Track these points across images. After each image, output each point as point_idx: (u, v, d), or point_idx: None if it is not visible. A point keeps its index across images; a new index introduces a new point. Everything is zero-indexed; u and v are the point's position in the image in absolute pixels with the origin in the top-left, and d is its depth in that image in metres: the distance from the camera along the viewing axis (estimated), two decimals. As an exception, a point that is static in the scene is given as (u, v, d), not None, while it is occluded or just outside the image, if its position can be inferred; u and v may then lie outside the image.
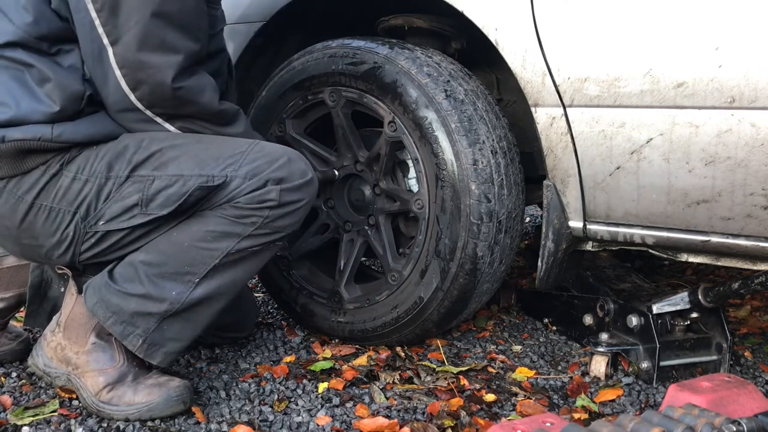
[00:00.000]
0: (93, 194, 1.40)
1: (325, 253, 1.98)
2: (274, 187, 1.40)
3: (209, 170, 1.38)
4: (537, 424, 1.24)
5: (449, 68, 1.69)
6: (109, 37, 1.35)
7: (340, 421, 1.47)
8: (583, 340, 1.88)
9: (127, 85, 1.37)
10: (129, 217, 1.40)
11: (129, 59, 1.35)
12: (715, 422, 1.19)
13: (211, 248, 1.40)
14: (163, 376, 1.49)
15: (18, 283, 1.72)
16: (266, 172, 1.40)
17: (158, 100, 1.39)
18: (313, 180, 1.47)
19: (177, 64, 1.37)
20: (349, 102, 1.77)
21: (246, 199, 1.39)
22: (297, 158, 1.46)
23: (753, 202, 1.37)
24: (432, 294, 1.69)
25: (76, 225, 1.42)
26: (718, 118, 1.35)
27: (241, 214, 1.39)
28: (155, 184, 1.39)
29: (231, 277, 1.44)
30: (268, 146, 1.46)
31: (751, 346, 1.92)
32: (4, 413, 1.48)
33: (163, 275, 1.40)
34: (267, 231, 1.42)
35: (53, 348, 1.52)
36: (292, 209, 1.43)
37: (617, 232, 1.56)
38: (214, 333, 1.80)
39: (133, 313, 1.41)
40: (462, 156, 1.60)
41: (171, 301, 1.40)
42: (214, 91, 1.46)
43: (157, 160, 1.40)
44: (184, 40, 1.38)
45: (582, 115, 1.50)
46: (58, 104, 1.37)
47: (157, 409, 1.43)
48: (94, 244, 1.44)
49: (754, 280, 1.54)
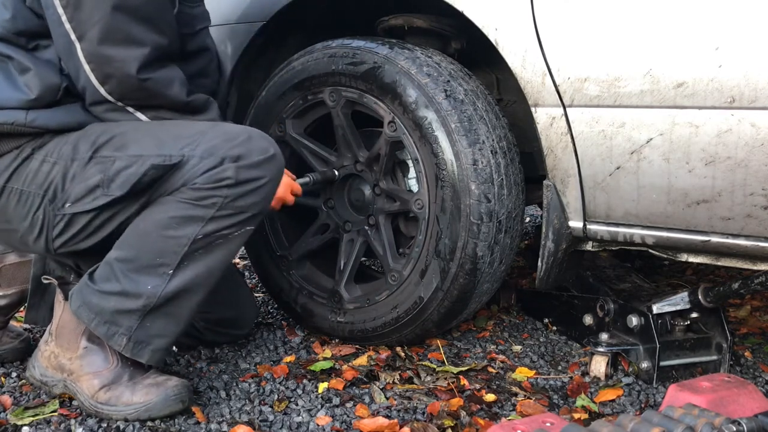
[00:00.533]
0: (59, 177, 1.42)
1: (325, 253, 1.98)
2: (231, 165, 1.37)
3: (167, 150, 1.38)
4: (537, 424, 1.24)
5: (449, 68, 1.69)
6: (76, 32, 1.38)
7: (340, 421, 1.47)
8: (583, 340, 1.88)
9: (97, 79, 1.39)
10: (92, 198, 1.40)
11: (95, 54, 1.38)
12: (715, 422, 1.20)
13: (177, 236, 1.38)
14: (161, 376, 1.49)
15: (20, 280, 1.72)
16: (223, 150, 1.38)
17: (127, 92, 1.41)
18: (274, 157, 1.43)
19: (142, 57, 1.38)
20: (348, 102, 1.77)
21: (203, 179, 1.37)
22: (258, 136, 1.44)
23: (753, 202, 1.37)
24: (432, 294, 1.69)
25: (44, 208, 1.44)
26: (718, 118, 1.35)
27: (200, 196, 1.38)
28: (116, 165, 1.39)
29: (205, 266, 1.42)
30: (230, 126, 1.46)
31: (751, 346, 1.92)
32: (4, 413, 1.48)
33: (137, 270, 1.40)
34: (230, 212, 1.39)
35: (47, 357, 1.53)
36: (253, 187, 1.40)
37: (617, 232, 1.56)
38: (212, 329, 1.80)
39: (113, 311, 1.41)
40: (462, 156, 1.60)
41: (147, 296, 1.39)
42: (182, 84, 1.47)
43: (119, 141, 1.41)
44: (148, 33, 1.40)
45: (582, 115, 1.50)
46: (34, 93, 1.41)
47: (155, 408, 1.43)
48: (64, 228, 1.44)
49: (754, 280, 1.54)
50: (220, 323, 1.80)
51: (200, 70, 1.61)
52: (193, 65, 1.58)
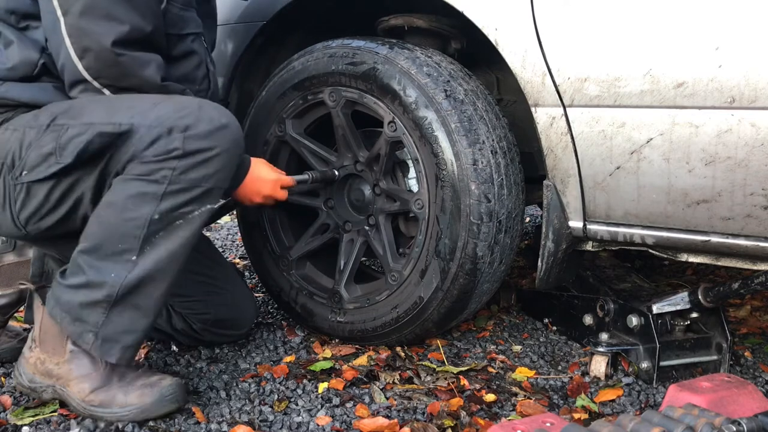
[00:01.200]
0: (17, 144, 1.43)
1: (325, 253, 1.98)
2: (179, 135, 1.34)
3: (117, 118, 1.37)
4: (537, 424, 1.24)
5: (449, 68, 1.69)
6: (62, 8, 1.40)
7: (340, 421, 1.47)
8: (583, 340, 1.88)
9: (75, 53, 1.41)
10: (46, 166, 1.40)
11: (74, 26, 1.40)
12: (715, 422, 1.20)
13: (134, 217, 1.35)
14: (154, 375, 1.47)
15: (18, 280, 1.72)
16: (171, 120, 1.36)
17: (102, 68, 1.42)
18: (226, 126, 1.40)
19: (120, 33, 1.40)
20: (349, 102, 1.77)
21: (151, 151, 1.35)
22: (210, 106, 1.42)
23: (753, 202, 1.37)
24: (432, 294, 1.69)
25: (5, 178, 1.44)
26: (718, 118, 1.35)
27: (149, 170, 1.35)
28: (68, 132, 1.39)
29: (166, 250, 1.38)
30: (185, 98, 1.45)
31: (751, 346, 1.92)
32: (4, 413, 1.48)
33: (101, 258, 1.37)
34: (182, 185, 1.36)
35: (33, 363, 1.50)
36: (203, 158, 1.36)
37: (617, 232, 1.56)
38: (210, 330, 1.79)
39: (80, 305, 1.38)
40: (462, 156, 1.60)
41: (111, 284, 1.36)
42: (158, 68, 1.47)
43: (75, 110, 1.41)
44: (129, 13, 1.42)
45: (582, 115, 1.50)
46: (10, 63, 1.47)
47: (150, 410, 1.41)
48: (24, 199, 1.44)
49: (754, 280, 1.54)
50: (218, 324, 1.79)
51: (185, 75, 1.60)
52: (179, 68, 1.58)
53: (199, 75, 1.65)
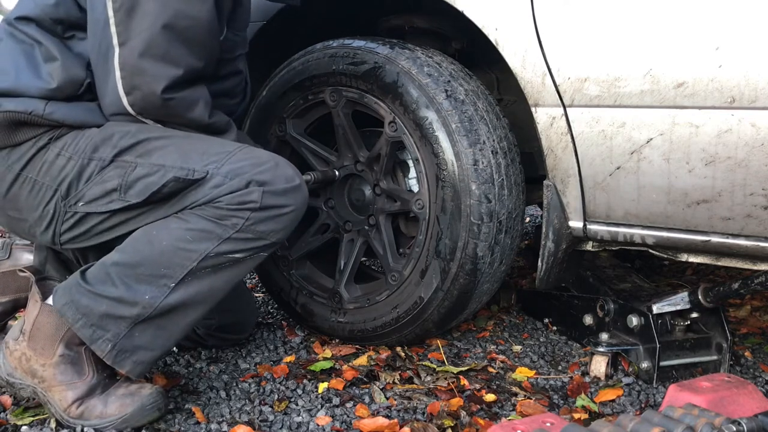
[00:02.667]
0: (75, 173, 1.40)
1: (325, 253, 1.98)
2: (257, 189, 1.35)
3: (191, 164, 1.36)
4: (537, 424, 1.24)
5: (450, 68, 1.70)
6: (119, 37, 1.35)
7: (340, 421, 1.47)
8: (583, 340, 1.88)
9: (123, 88, 1.37)
10: (107, 201, 1.39)
11: (130, 63, 1.35)
12: (715, 422, 1.20)
13: (189, 249, 1.35)
14: (134, 384, 1.43)
15: (14, 288, 1.71)
16: (249, 173, 1.36)
17: (148, 108, 1.39)
18: (300, 187, 1.42)
19: (173, 77, 1.36)
20: (349, 102, 1.77)
21: (227, 199, 1.35)
22: (285, 164, 1.43)
23: (753, 202, 1.37)
24: (432, 294, 1.69)
25: (56, 202, 1.42)
26: (718, 118, 1.35)
27: (222, 215, 1.35)
28: (136, 171, 1.37)
29: (209, 285, 1.38)
30: (257, 150, 1.44)
31: (751, 346, 1.92)
32: (4, 413, 1.48)
33: (138, 277, 1.35)
34: (249, 235, 1.37)
35: (17, 358, 1.45)
36: (276, 214, 1.38)
37: (617, 232, 1.56)
38: (214, 335, 1.79)
39: (103, 315, 1.35)
40: (462, 156, 1.60)
41: (144, 305, 1.34)
42: (206, 105, 1.45)
43: (143, 147, 1.39)
44: (187, 56, 1.38)
45: (582, 115, 1.50)
46: (55, 82, 1.40)
47: (132, 420, 1.39)
48: (74, 225, 1.43)
49: (754, 280, 1.54)
50: (222, 329, 1.79)
51: (227, 91, 1.59)
52: (221, 85, 1.56)
53: (238, 90, 1.65)
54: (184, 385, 1.63)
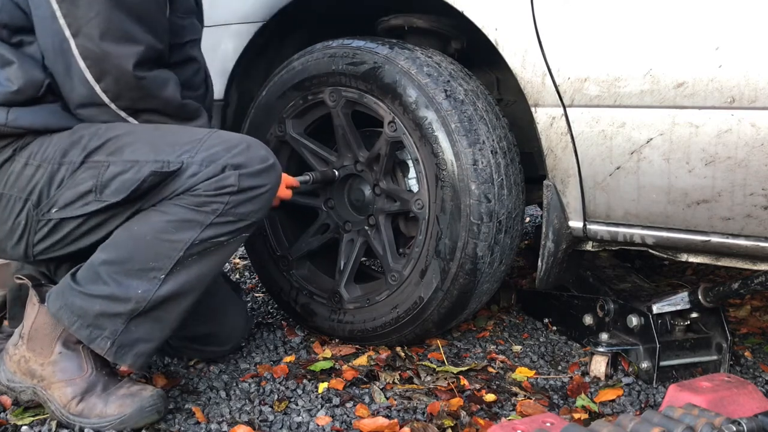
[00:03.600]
0: (45, 180, 1.39)
1: (325, 253, 1.98)
2: (233, 173, 1.36)
3: (165, 156, 1.36)
4: (537, 424, 1.24)
5: (449, 68, 1.69)
6: (71, 28, 1.35)
7: (340, 421, 1.47)
8: (583, 340, 1.88)
9: (93, 76, 1.36)
10: (83, 204, 1.37)
11: (92, 50, 1.35)
12: (715, 422, 1.20)
13: (173, 240, 1.35)
14: (135, 385, 1.44)
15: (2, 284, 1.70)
16: (224, 158, 1.37)
17: (122, 91, 1.39)
18: (274, 165, 1.43)
19: (138, 54, 1.36)
20: (349, 102, 1.77)
21: (205, 185, 1.35)
22: (257, 145, 1.43)
23: (753, 202, 1.37)
24: (432, 294, 1.69)
25: (28, 212, 1.40)
26: (718, 118, 1.35)
27: (201, 201, 1.36)
28: (110, 170, 1.36)
29: (197, 272, 1.39)
30: (226, 134, 1.44)
31: (751, 346, 1.92)
32: (4, 413, 1.48)
33: (127, 273, 1.36)
34: (230, 218, 1.38)
35: (16, 362, 1.46)
36: (254, 195, 1.39)
37: (617, 232, 1.56)
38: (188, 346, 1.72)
39: (98, 314, 1.36)
40: (462, 156, 1.60)
41: (137, 300, 1.35)
42: (176, 85, 1.45)
43: (113, 145, 1.38)
44: (143, 33, 1.38)
45: (582, 115, 1.50)
46: (15, 85, 1.37)
47: (130, 420, 1.38)
48: (48, 233, 1.41)
49: (754, 280, 1.54)
50: (195, 340, 1.70)
51: (185, 81, 1.57)
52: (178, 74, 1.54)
53: (197, 80, 1.64)
54: (184, 385, 1.63)
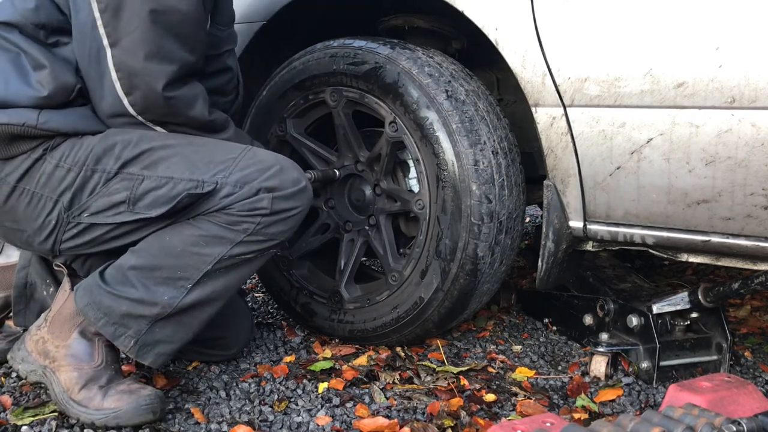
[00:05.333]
0: (77, 185, 1.40)
1: (325, 253, 1.98)
2: (266, 195, 1.40)
3: (199, 175, 1.38)
4: (537, 424, 1.24)
5: (450, 68, 1.70)
6: (110, 38, 1.35)
7: (340, 421, 1.47)
8: (583, 340, 1.88)
9: (122, 88, 1.37)
10: (115, 213, 1.40)
11: (126, 63, 1.35)
12: (715, 422, 1.20)
13: (203, 253, 1.40)
14: (136, 384, 1.45)
15: (4, 285, 1.71)
16: (258, 180, 1.40)
17: (150, 107, 1.40)
18: (306, 188, 1.46)
19: (170, 73, 1.37)
20: (350, 102, 1.77)
21: (238, 206, 1.39)
22: (289, 166, 1.46)
23: (753, 202, 1.37)
24: (432, 294, 1.69)
25: (59, 213, 1.42)
26: (718, 118, 1.35)
27: (233, 221, 1.39)
28: (144, 184, 1.38)
29: (223, 283, 1.44)
30: (260, 153, 1.46)
31: (751, 346, 1.92)
32: (4, 413, 1.48)
33: (156, 280, 1.40)
34: (260, 238, 1.42)
35: (35, 341, 1.51)
36: (285, 217, 1.43)
37: (617, 232, 1.56)
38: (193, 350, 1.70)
39: (124, 314, 1.41)
40: (463, 156, 1.60)
41: (163, 305, 1.40)
42: (204, 102, 1.46)
43: (148, 158, 1.40)
44: (180, 51, 1.39)
45: (582, 115, 1.50)
46: (46, 90, 1.38)
47: (124, 416, 1.39)
48: (77, 234, 1.44)
49: (754, 280, 1.54)
50: (201, 343, 1.69)
51: (217, 88, 1.59)
52: (212, 82, 1.56)
53: (230, 87, 1.66)
54: (184, 385, 1.63)
